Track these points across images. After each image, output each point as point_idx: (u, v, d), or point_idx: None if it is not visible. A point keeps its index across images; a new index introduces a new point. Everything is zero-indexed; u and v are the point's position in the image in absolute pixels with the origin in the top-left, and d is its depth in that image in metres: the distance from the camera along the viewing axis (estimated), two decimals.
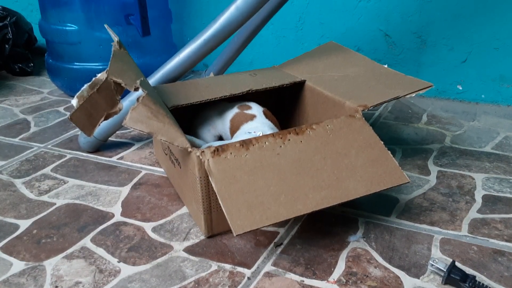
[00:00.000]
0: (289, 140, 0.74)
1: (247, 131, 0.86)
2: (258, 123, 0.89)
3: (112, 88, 0.78)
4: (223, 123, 0.96)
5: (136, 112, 0.70)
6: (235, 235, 0.63)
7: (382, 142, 0.78)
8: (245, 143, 0.72)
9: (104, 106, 0.81)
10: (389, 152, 0.77)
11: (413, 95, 0.86)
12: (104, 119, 0.83)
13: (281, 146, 0.73)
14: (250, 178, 0.69)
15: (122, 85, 0.75)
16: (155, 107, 0.72)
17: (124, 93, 0.86)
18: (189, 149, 0.70)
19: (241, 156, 0.71)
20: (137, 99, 0.71)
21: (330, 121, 0.79)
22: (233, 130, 0.92)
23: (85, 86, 0.79)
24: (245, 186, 0.68)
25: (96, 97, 0.79)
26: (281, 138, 0.74)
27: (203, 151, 0.69)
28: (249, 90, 0.93)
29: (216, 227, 0.76)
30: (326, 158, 0.74)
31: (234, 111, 0.94)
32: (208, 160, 0.69)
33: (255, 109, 0.94)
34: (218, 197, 0.66)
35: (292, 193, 0.69)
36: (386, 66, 1.01)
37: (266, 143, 0.73)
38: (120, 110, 0.82)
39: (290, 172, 0.71)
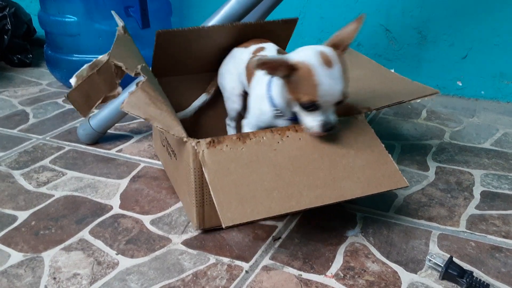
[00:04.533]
0: (288, 136, 0.74)
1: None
2: None
3: (112, 70, 0.77)
4: (239, 73, 0.91)
5: (135, 97, 0.69)
6: (224, 226, 0.62)
7: (383, 145, 0.77)
8: (242, 136, 0.72)
9: (103, 88, 0.80)
10: (390, 155, 0.76)
11: (418, 100, 0.85)
12: (102, 102, 0.82)
13: (279, 142, 0.73)
14: (245, 171, 0.68)
15: (123, 68, 0.74)
16: (154, 93, 0.72)
17: (125, 81, 0.85)
18: (185, 139, 0.69)
19: (237, 149, 0.70)
20: (137, 84, 0.70)
21: None
22: (249, 78, 0.86)
23: (85, 66, 0.78)
24: (238, 179, 0.67)
25: (96, 78, 0.78)
26: (279, 134, 0.74)
27: (198, 142, 0.69)
28: None
29: (208, 221, 0.76)
30: (324, 157, 0.73)
31: (247, 57, 0.89)
32: (203, 151, 0.68)
33: (269, 49, 0.87)
34: (210, 188, 0.65)
35: (286, 189, 0.68)
36: (392, 70, 1.00)
37: (264, 138, 0.73)
38: (118, 94, 0.82)
39: (286, 169, 0.70)
